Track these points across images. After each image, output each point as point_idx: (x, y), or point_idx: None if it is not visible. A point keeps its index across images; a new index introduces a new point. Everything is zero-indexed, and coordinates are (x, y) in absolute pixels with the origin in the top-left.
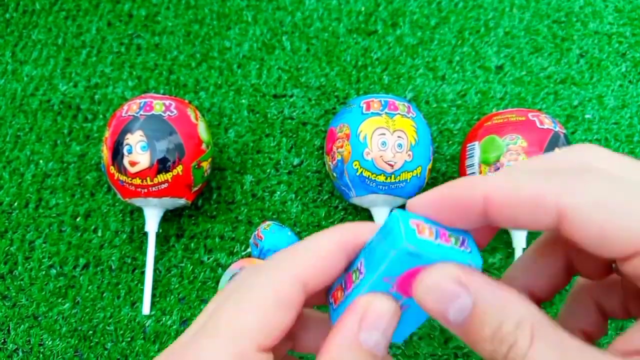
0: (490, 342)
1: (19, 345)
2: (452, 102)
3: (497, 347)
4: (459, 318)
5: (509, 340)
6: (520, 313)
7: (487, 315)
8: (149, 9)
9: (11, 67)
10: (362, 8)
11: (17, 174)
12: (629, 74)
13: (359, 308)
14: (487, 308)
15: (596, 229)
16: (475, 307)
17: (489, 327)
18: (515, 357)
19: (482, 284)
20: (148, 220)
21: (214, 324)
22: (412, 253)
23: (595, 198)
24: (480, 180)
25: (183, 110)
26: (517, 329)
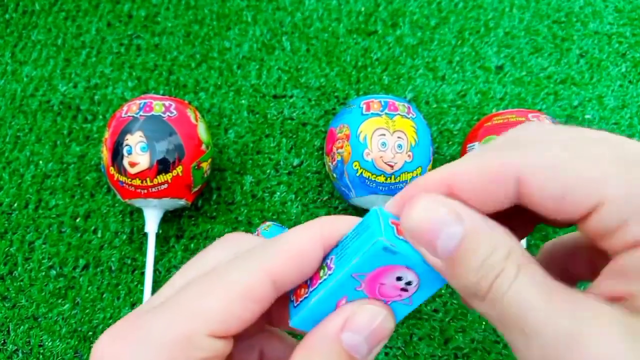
0: (476, 271)
1: (18, 346)
2: (452, 103)
3: (483, 276)
4: (449, 246)
5: (496, 269)
6: (511, 245)
7: (478, 243)
8: (148, 9)
9: (11, 67)
10: (362, 8)
11: (16, 174)
12: (629, 74)
13: (347, 309)
14: (479, 236)
15: (553, 189)
16: (466, 236)
17: (478, 255)
18: (500, 285)
19: (474, 214)
20: (148, 221)
21: (176, 301)
22: (388, 249)
23: (549, 161)
24: (444, 169)
25: (183, 111)
26: (506, 259)
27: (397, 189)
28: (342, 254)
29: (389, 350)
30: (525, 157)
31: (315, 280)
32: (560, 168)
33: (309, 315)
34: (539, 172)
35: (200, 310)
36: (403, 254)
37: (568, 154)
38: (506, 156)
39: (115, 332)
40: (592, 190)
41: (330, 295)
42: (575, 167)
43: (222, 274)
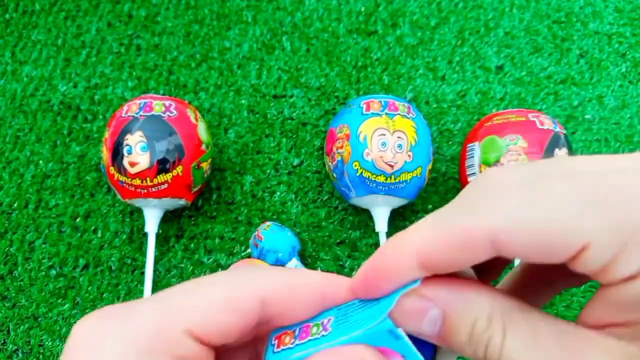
0: (468, 346)
1: (18, 345)
2: (452, 103)
3: (475, 349)
4: (435, 330)
5: (484, 340)
6: (488, 307)
7: (458, 320)
8: (148, 9)
9: (11, 67)
10: (362, 8)
11: (16, 174)
12: (629, 74)
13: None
14: (456, 313)
15: (531, 244)
16: (446, 316)
17: (463, 331)
18: (493, 354)
19: (446, 292)
20: (148, 221)
21: (161, 296)
22: (393, 332)
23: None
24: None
25: (183, 111)
26: (490, 325)
27: (397, 188)
28: (343, 319)
29: None
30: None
31: (304, 333)
32: (532, 219)
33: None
34: (511, 230)
35: (181, 306)
36: (405, 343)
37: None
38: (471, 221)
39: (100, 314)
40: (572, 236)
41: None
42: (548, 214)
43: (212, 280)
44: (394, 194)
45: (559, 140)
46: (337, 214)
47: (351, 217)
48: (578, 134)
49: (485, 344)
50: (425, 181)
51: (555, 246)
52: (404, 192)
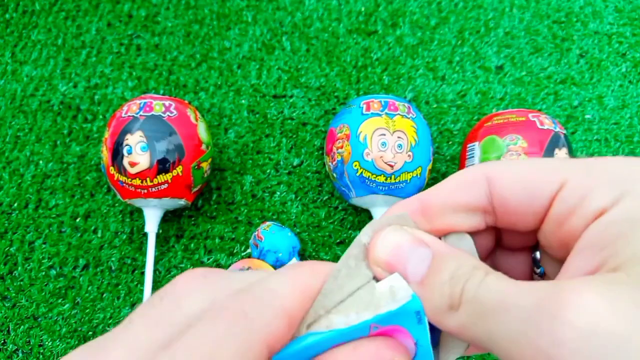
0: (447, 283)
1: (18, 345)
2: (452, 103)
3: (453, 285)
4: (420, 268)
5: (465, 276)
6: (475, 261)
7: (445, 261)
8: (148, 9)
9: (11, 67)
10: (362, 8)
11: (16, 174)
12: (629, 74)
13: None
14: (445, 256)
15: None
16: (434, 257)
17: (447, 270)
18: (471, 286)
19: (441, 242)
20: (148, 221)
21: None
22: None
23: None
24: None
25: (183, 111)
26: (473, 269)
27: (397, 188)
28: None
29: None
30: (493, 164)
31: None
32: (524, 166)
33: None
34: (506, 171)
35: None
36: (425, 327)
37: (530, 160)
38: (474, 167)
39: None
40: (552, 175)
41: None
42: (538, 164)
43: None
44: (394, 194)
45: (559, 140)
46: (337, 214)
47: (351, 217)
48: (578, 134)
49: (465, 280)
50: (425, 181)
51: (539, 183)
52: (404, 192)
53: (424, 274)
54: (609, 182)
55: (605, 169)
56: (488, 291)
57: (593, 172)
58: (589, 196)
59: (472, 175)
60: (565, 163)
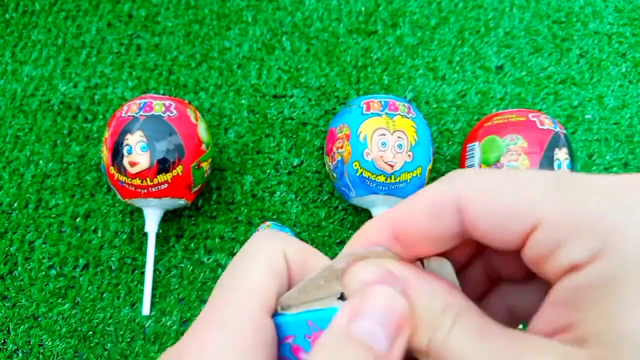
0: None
1: (18, 345)
2: (452, 103)
3: (421, 334)
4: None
5: (432, 326)
6: (446, 300)
7: (415, 300)
8: (148, 9)
9: (11, 67)
10: (362, 8)
11: (17, 174)
12: (629, 74)
13: (354, 299)
14: (415, 295)
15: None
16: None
17: (417, 314)
18: (436, 341)
19: (411, 273)
20: (148, 221)
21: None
22: None
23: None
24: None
25: (183, 111)
26: (442, 314)
27: (397, 188)
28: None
29: None
30: (462, 185)
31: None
32: (496, 190)
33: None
34: (476, 196)
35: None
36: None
37: (503, 176)
38: (442, 188)
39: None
40: (528, 209)
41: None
42: (511, 188)
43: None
44: (394, 194)
45: (559, 140)
46: (337, 214)
47: (351, 217)
48: (578, 134)
49: (433, 330)
50: (425, 181)
51: (510, 219)
52: (404, 192)
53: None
54: (587, 230)
55: (586, 212)
56: (450, 349)
57: (572, 215)
58: (563, 245)
59: (442, 201)
60: (544, 196)
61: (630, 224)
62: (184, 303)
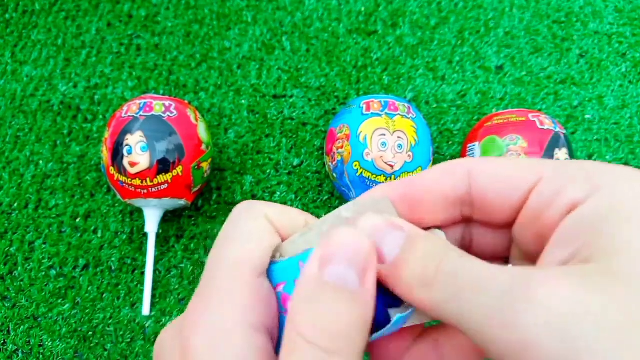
0: (420, 261)
1: (18, 346)
2: (452, 103)
3: (427, 263)
4: (394, 248)
5: (440, 255)
6: (448, 244)
7: (419, 240)
8: (148, 9)
9: (11, 67)
10: (362, 8)
11: (16, 174)
12: (629, 74)
13: (318, 249)
14: (419, 237)
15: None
16: (408, 237)
17: (421, 248)
18: (446, 265)
19: (413, 226)
20: (148, 221)
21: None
22: None
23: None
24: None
25: (183, 111)
26: (447, 249)
27: None
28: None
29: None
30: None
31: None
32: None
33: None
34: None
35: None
36: None
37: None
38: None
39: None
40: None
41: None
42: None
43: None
44: None
45: (559, 140)
46: None
47: None
48: (578, 134)
49: (440, 259)
50: None
51: (517, 177)
52: None
53: (397, 253)
54: (583, 178)
55: (580, 167)
56: (463, 270)
57: (568, 170)
58: (563, 190)
59: (454, 166)
60: (543, 162)
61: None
62: (184, 303)
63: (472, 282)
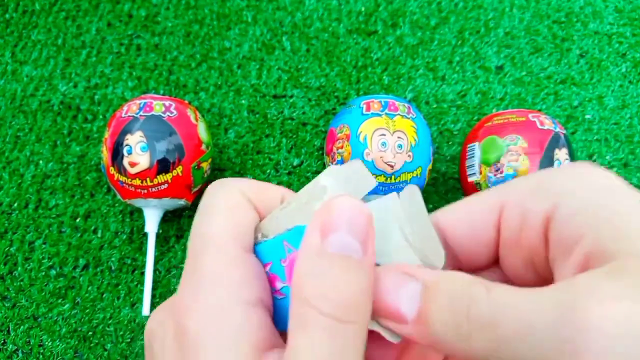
0: (448, 309)
1: (18, 346)
2: (452, 103)
3: (456, 309)
4: (414, 305)
5: (466, 297)
6: (468, 277)
7: (439, 285)
8: (148, 9)
9: (11, 67)
10: (362, 8)
11: (16, 174)
12: (629, 74)
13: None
14: (437, 279)
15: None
16: (426, 287)
17: (444, 295)
18: (477, 306)
19: (427, 270)
20: (148, 221)
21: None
22: None
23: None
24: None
25: (183, 111)
26: (471, 285)
27: (397, 189)
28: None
29: None
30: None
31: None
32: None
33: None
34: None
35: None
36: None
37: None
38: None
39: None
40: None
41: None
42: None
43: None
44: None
45: (559, 140)
46: None
47: None
48: (578, 134)
49: (469, 301)
50: (425, 181)
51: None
52: None
53: (419, 308)
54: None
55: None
56: (499, 314)
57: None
58: (528, 212)
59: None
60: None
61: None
62: None
63: (515, 326)
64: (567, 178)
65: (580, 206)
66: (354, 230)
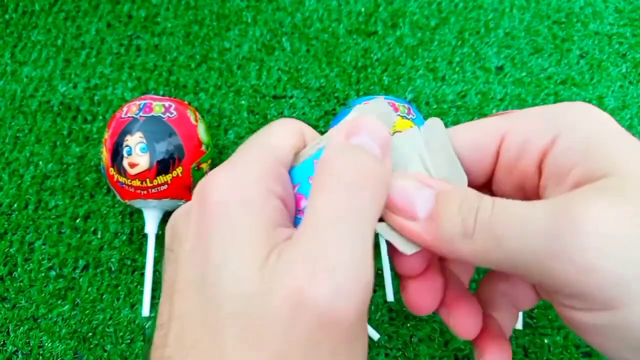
0: (457, 213)
1: (18, 347)
2: (452, 103)
3: (464, 215)
4: (428, 204)
5: (474, 204)
6: (477, 192)
7: (450, 193)
8: (148, 10)
9: (10, 68)
10: (362, 9)
11: (16, 175)
12: (630, 75)
13: (343, 126)
14: (449, 189)
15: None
16: (439, 192)
17: (454, 200)
18: (484, 211)
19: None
20: (148, 222)
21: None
22: None
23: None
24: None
25: (183, 112)
26: (479, 198)
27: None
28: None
29: (389, 352)
30: (511, 117)
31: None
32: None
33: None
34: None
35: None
36: None
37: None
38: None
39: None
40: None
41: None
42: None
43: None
44: None
45: None
46: None
47: None
48: None
49: (476, 208)
50: None
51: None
52: None
53: (431, 208)
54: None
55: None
56: (503, 215)
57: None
58: (529, 141)
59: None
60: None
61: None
62: None
63: (515, 226)
64: (569, 113)
65: (578, 139)
66: (375, 137)
